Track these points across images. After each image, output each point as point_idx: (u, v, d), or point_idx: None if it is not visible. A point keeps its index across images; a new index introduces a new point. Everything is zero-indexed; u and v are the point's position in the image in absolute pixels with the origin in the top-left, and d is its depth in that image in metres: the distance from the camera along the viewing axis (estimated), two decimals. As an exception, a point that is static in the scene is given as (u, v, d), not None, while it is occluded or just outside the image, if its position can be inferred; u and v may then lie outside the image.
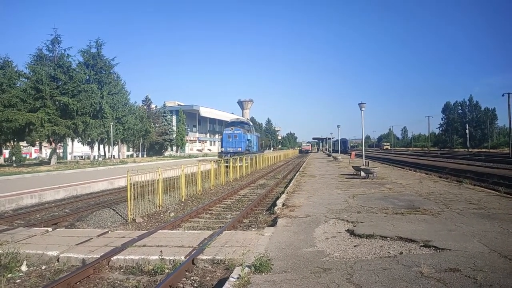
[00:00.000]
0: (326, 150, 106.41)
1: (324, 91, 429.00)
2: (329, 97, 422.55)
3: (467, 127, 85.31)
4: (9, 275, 5.82)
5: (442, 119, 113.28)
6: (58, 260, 6.43)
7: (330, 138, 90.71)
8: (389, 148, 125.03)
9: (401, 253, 5.86)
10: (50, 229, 8.62)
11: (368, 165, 21.50)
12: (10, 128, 30.41)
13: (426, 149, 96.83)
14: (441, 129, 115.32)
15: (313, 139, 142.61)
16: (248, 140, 40.62)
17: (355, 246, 6.35)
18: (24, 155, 50.50)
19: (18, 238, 7.51)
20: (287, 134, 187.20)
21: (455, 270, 4.97)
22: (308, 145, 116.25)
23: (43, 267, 6.27)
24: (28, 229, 8.53)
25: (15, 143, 38.78)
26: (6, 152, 46.38)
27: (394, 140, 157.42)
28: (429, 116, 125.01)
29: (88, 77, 42.65)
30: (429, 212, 9.08)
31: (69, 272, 5.84)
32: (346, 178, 19.32)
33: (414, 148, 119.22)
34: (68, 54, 36.56)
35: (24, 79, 35.90)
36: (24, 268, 6.17)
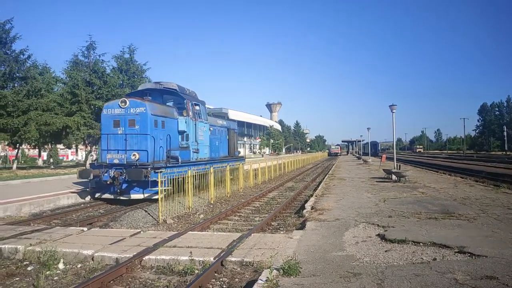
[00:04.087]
0: (355, 153, 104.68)
1: (354, 93, 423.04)
2: (359, 99, 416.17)
3: (505, 129, 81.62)
4: (47, 272, 6.09)
5: (478, 121, 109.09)
6: (92, 259, 6.66)
7: (360, 141, 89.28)
8: (422, 151, 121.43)
9: (435, 259, 5.69)
10: (85, 228, 8.94)
11: (399, 168, 20.99)
12: (48, 131, 31.72)
13: (461, 152, 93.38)
14: (477, 131, 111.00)
15: (343, 141, 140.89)
16: (182, 133, 15.86)
17: (386, 251, 6.22)
18: (61, 157, 52.57)
19: (56, 237, 7.83)
20: (315, 137, 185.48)
21: (492, 277, 4.77)
22: (337, 148, 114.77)
23: (79, 266, 6.51)
24: (64, 229, 8.87)
25: (53, 146, 40.41)
26: (44, 155, 48.44)
27: (427, 142, 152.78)
28: (464, 118, 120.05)
29: (121, 82, 43.89)
30: (464, 217, 8.77)
31: (103, 271, 6.03)
32: (376, 181, 18.93)
33: (449, 151, 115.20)
34: (102, 60, 37.78)
35: (61, 84, 37.39)
36: (61, 266, 6.43)
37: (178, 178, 12.63)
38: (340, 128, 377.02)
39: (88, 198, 14.49)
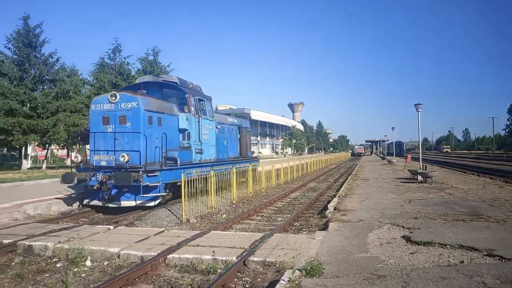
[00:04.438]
0: (380, 153, 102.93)
1: (378, 92, 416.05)
2: (384, 98, 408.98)
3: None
4: (75, 269, 6.27)
5: (508, 120, 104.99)
6: (118, 257, 6.82)
7: (384, 141, 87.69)
8: (449, 151, 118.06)
9: (462, 262, 5.53)
10: (111, 227, 9.16)
11: (425, 169, 20.51)
12: (76, 132, 32.70)
13: (491, 152, 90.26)
14: (507, 130, 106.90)
15: (366, 141, 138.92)
16: (183, 132, 13.99)
17: (411, 253, 6.10)
18: (88, 157, 53.87)
19: (83, 235, 8.05)
20: (338, 137, 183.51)
21: (523, 282, 4.60)
22: (361, 148, 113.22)
23: (105, 263, 6.68)
24: (92, 227, 9.11)
25: (80, 146, 41.61)
26: (72, 155, 49.89)
27: (454, 142, 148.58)
28: (493, 117, 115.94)
29: (145, 83, 44.64)
30: (493, 219, 8.49)
31: (129, 268, 6.17)
32: (401, 182, 18.57)
33: (477, 151, 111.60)
34: (127, 62, 38.67)
35: (88, 86, 38.45)
36: (88, 263, 6.61)
37: (200, 178, 12.30)
38: (363, 128, 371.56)
39: (75, 205, 12.92)
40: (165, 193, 11.78)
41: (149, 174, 10.95)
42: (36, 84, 30.71)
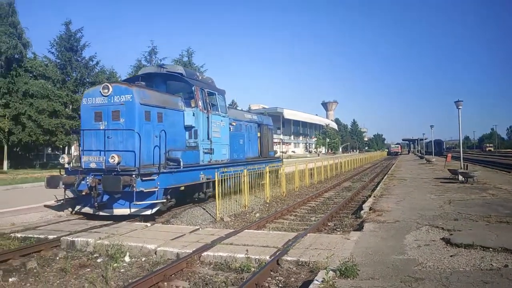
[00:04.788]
0: (418, 152, 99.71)
1: (416, 89, 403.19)
2: (422, 95, 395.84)
3: None
4: (114, 265, 6.51)
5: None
6: (155, 253, 7.01)
7: (422, 139, 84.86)
8: (492, 149, 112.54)
9: (506, 266, 5.27)
10: (149, 224, 9.44)
11: (467, 168, 19.69)
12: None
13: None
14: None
15: (403, 140, 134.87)
16: (190, 129, 12.43)
17: (451, 256, 5.88)
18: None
19: (122, 232, 8.34)
20: (374, 136, 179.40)
21: None
22: (398, 147, 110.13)
23: (143, 259, 6.89)
24: (130, 224, 9.42)
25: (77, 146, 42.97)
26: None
27: (498, 140, 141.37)
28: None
29: (180, 84, 45.60)
30: (542, 222, 8.01)
31: (165, 264, 6.34)
32: (441, 182, 17.91)
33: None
34: (163, 64, 39.78)
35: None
36: (127, 259, 6.84)
37: (233, 177, 12.28)
38: (400, 126, 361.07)
39: (65, 212, 11.16)
40: (165, 200, 10.27)
41: (144, 178, 9.52)
42: (77, 87, 32.05)
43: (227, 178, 12.07)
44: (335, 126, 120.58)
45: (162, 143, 10.46)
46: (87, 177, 9.91)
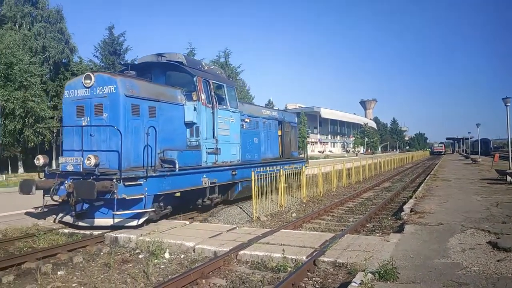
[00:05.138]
0: (463, 151, 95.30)
1: (460, 87, 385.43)
2: (466, 93, 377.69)
3: None
4: (155, 261, 6.71)
5: None
6: (194, 251, 7.17)
7: (467, 138, 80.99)
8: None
9: (561, 273, 4.93)
10: (187, 222, 9.65)
11: (516, 169, 18.56)
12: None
13: None
14: None
15: (447, 139, 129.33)
16: (191, 126, 10.95)
17: (498, 260, 5.58)
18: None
19: (162, 229, 8.59)
20: (415, 135, 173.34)
21: None
22: (441, 146, 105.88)
23: (182, 256, 7.06)
24: (170, 222, 9.66)
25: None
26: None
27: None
28: None
29: (217, 85, 46.32)
30: None
31: (203, 262, 6.46)
32: (487, 183, 17.02)
33: None
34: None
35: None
36: (167, 255, 7.04)
37: (270, 176, 12.12)
38: (443, 125, 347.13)
39: (42, 222, 9.71)
40: (156, 209, 9.06)
41: (128, 183, 8.14)
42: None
43: (238, 182, 11.82)
44: (374, 125, 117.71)
45: (155, 141, 8.99)
46: (66, 182, 8.49)
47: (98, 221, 8.74)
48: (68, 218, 9.17)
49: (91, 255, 7.36)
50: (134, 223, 8.60)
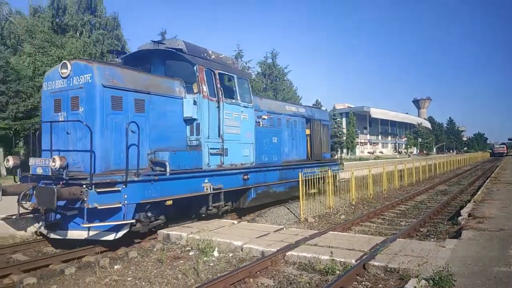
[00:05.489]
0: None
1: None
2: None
3: None
4: (204, 258, 6.90)
5: None
6: (241, 250, 7.27)
7: (533, 139, 74.92)
8: None
9: None
10: (235, 222, 9.81)
11: None
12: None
13: None
14: None
15: (509, 140, 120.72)
16: (191, 122, 9.54)
17: None
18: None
19: (211, 228, 8.80)
20: (474, 135, 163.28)
21: None
22: (503, 147, 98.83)
23: (230, 255, 7.19)
24: (219, 221, 9.85)
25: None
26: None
27: None
28: None
29: (265, 86, 46.70)
30: None
31: (251, 261, 6.54)
32: (557, 187, 15.65)
33: None
34: (248, 67, 41.00)
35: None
36: (216, 253, 7.20)
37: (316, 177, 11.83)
38: (506, 124, 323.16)
39: (22, 233, 8.62)
40: (143, 220, 7.82)
41: (101, 190, 6.94)
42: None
43: (251, 188, 10.69)
44: (428, 125, 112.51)
45: (138, 140, 7.78)
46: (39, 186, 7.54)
47: (72, 233, 7.51)
48: (43, 229, 8.01)
49: (145, 250, 7.71)
50: (111, 237, 7.30)
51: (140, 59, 10.45)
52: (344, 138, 74.95)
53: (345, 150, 77.84)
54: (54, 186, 6.87)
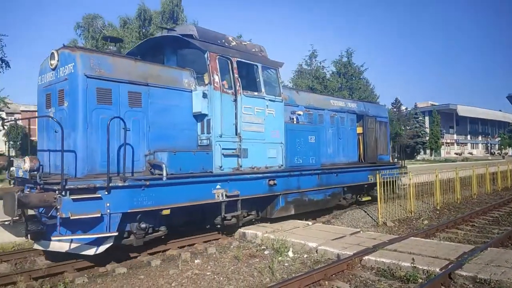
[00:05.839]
0: None
1: None
2: None
3: None
4: (279, 258, 6.97)
5: None
6: (316, 251, 7.22)
7: None
8: None
9: None
10: (310, 223, 9.75)
11: None
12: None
13: None
14: None
15: None
16: (201, 118, 8.26)
17: None
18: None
19: (286, 228, 8.86)
20: None
21: None
22: None
23: (305, 256, 7.17)
24: (293, 222, 9.84)
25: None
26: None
27: None
28: None
29: (340, 85, 45.72)
30: None
31: (326, 264, 6.46)
32: None
33: None
34: (323, 66, 40.51)
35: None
36: (290, 254, 7.24)
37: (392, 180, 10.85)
38: None
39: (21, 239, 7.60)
40: (136, 231, 6.90)
41: (77, 197, 6.03)
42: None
43: (279, 195, 9.31)
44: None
45: (141, 139, 7.25)
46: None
47: (53, 245, 6.57)
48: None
49: (223, 247, 8.02)
50: (91, 251, 6.35)
51: (154, 50, 9.48)
52: (427, 138, 70.34)
53: (428, 151, 73.02)
54: (15, 193, 5.91)
